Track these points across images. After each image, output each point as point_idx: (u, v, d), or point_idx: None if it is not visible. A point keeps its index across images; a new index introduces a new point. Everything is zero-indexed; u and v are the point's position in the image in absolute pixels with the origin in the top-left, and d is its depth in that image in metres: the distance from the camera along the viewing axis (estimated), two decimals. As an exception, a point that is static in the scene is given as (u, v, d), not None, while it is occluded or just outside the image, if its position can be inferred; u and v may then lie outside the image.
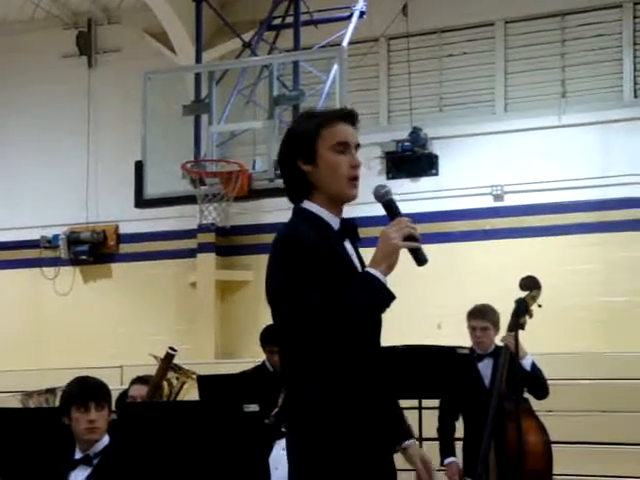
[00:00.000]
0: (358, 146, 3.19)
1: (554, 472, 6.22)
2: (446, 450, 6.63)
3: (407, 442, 3.43)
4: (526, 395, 6.38)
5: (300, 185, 3.14)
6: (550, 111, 10.06)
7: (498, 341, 6.49)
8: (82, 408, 4.54)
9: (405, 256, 3.06)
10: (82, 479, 4.57)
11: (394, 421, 3.40)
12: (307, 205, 3.14)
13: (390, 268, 3.02)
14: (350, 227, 3.16)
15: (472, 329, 6.56)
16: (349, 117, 3.22)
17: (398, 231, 3.00)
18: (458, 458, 6.62)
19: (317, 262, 2.97)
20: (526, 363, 6.29)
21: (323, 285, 2.94)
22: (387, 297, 3.03)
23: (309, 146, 3.11)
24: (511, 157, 10.14)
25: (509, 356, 6.16)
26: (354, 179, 3.13)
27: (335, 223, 3.14)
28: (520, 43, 10.36)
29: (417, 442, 3.58)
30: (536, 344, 6.57)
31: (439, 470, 6.67)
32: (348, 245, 3.14)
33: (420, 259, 3.08)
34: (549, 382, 6.40)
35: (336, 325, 2.91)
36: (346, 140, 3.15)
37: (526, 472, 5.98)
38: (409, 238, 3.02)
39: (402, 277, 11.24)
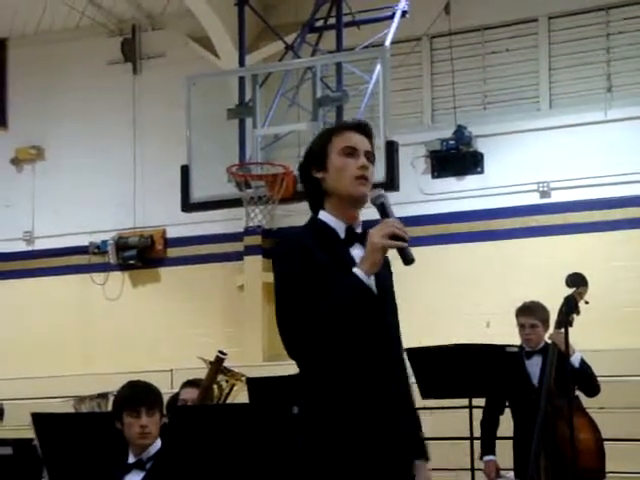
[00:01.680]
0: (369, 154, 3.24)
1: (607, 469, 6.18)
2: (486, 448, 6.62)
3: (416, 462, 3.25)
4: (577, 393, 6.34)
5: (315, 194, 3.27)
6: (596, 106, 9.97)
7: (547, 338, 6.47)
8: (134, 413, 4.58)
9: (452, 258, 3.07)
10: (136, 483, 4.61)
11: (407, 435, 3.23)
12: (320, 214, 3.25)
13: (373, 266, 3.05)
14: (356, 233, 3.21)
15: (521, 326, 6.55)
16: (360, 127, 3.29)
17: (381, 231, 3.06)
18: (509, 457, 6.62)
19: (307, 265, 3.08)
20: (575, 360, 6.26)
21: (311, 287, 3.04)
22: (361, 292, 3.04)
23: (321, 153, 3.24)
24: (557, 153, 10.07)
25: (558, 354, 6.12)
26: (361, 178, 3.19)
27: (342, 230, 3.21)
28: (564, 38, 10.29)
29: (427, 464, 3.28)
30: (585, 341, 6.53)
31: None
32: (357, 250, 3.18)
33: (406, 258, 3.09)
34: (600, 379, 6.37)
35: (314, 321, 3.00)
36: (354, 145, 3.22)
37: (579, 470, 5.93)
38: (395, 238, 3.05)
39: (450, 276, 11.22)
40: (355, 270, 3.05)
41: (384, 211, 3.16)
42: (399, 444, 3.12)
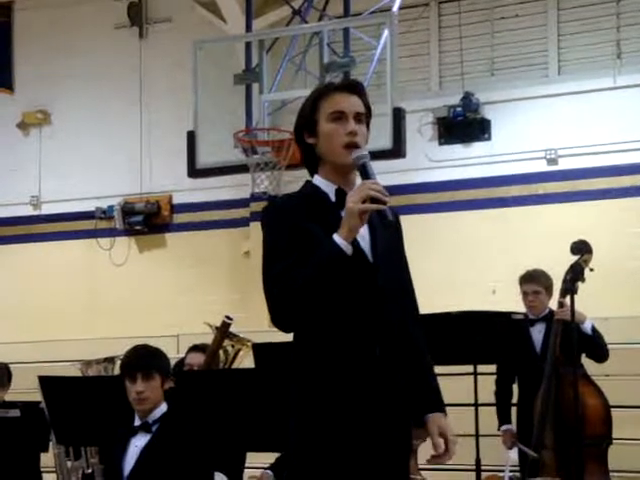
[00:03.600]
0: (360, 115, 3.18)
1: (613, 436, 6.20)
2: (503, 417, 6.66)
3: (431, 414, 3.22)
4: (582, 360, 6.37)
5: (310, 159, 3.24)
6: (605, 72, 9.91)
7: (552, 305, 6.49)
8: (131, 378, 4.62)
9: (459, 225, 3.05)
10: (142, 445, 4.64)
11: (420, 391, 3.23)
12: (314, 179, 3.23)
13: (350, 231, 3.01)
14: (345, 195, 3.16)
15: (524, 294, 6.58)
16: (348, 87, 3.23)
17: (357, 194, 3.01)
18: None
19: (293, 232, 3.07)
20: (587, 327, 6.28)
21: (296, 256, 3.03)
22: (336, 259, 2.99)
23: (310, 118, 3.20)
24: (565, 120, 10.03)
25: (563, 323, 6.14)
26: (350, 146, 3.13)
27: (333, 194, 3.18)
28: (573, 4, 10.21)
29: (444, 416, 3.23)
30: (592, 308, 6.53)
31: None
32: None
33: (382, 220, 3.07)
34: (608, 346, 6.40)
35: (293, 291, 3.01)
36: (341, 109, 3.16)
37: (586, 436, 5.96)
38: (373, 200, 3.00)
39: (457, 243, 11.16)
40: (334, 236, 3.01)
41: (365, 172, 3.10)
42: (382, 413, 3.09)
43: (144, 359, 4.69)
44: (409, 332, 3.23)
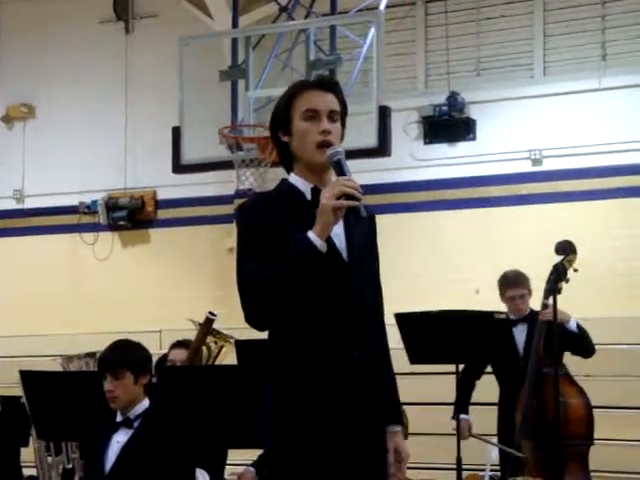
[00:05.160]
0: (335, 113, 3.17)
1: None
2: (460, 407, 6.66)
3: (389, 429, 3.19)
4: (565, 360, 6.40)
5: (285, 157, 3.24)
6: (590, 74, 9.94)
7: (532, 305, 6.52)
8: (103, 377, 4.63)
9: (443, 224, 3.06)
10: (124, 441, 4.63)
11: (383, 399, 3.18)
12: (290, 177, 3.23)
13: (324, 228, 2.99)
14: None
15: (511, 298, 6.56)
16: (322, 84, 3.22)
17: (330, 191, 3.00)
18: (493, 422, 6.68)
19: (267, 231, 3.05)
20: (572, 325, 6.32)
21: (269, 255, 3.01)
22: (308, 252, 2.98)
23: (284, 117, 3.20)
24: (550, 121, 10.05)
25: (547, 324, 6.16)
26: (324, 145, 3.11)
27: (308, 192, 3.17)
28: (559, 5, 10.23)
29: (401, 428, 3.21)
30: (575, 309, 6.56)
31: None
32: None
33: (356, 216, 3.05)
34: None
35: (265, 288, 2.99)
36: (314, 107, 3.15)
37: (568, 436, 5.98)
38: (347, 197, 2.98)
39: (441, 243, 11.17)
40: (308, 233, 2.99)
41: (339, 169, 3.08)
42: (358, 414, 3.06)
43: (113, 358, 4.67)
44: (376, 334, 3.22)
